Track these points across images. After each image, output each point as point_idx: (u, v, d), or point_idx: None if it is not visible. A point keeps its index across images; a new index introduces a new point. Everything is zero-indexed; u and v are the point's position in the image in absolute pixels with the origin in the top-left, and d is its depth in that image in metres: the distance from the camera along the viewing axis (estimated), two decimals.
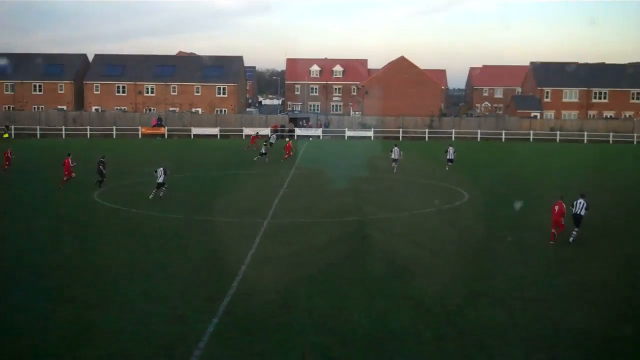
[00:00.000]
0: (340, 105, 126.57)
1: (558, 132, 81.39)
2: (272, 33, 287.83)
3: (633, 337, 16.35)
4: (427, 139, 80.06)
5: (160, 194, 34.77)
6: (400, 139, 78.53)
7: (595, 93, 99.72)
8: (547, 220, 26.65)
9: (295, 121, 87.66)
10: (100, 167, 38.33)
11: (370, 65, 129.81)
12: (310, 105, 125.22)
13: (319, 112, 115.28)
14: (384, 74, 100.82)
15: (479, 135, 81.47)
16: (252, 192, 38.89)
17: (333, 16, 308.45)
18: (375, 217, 31.19)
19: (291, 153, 53.29)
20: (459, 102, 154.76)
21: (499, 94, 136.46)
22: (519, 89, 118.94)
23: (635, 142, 78.01)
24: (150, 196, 34.67)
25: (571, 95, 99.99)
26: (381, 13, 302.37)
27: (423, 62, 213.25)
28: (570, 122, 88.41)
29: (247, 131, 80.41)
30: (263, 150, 52.88)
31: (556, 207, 25.72)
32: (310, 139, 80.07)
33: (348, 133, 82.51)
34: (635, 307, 18.56)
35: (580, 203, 25.81)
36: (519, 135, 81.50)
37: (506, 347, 15.73)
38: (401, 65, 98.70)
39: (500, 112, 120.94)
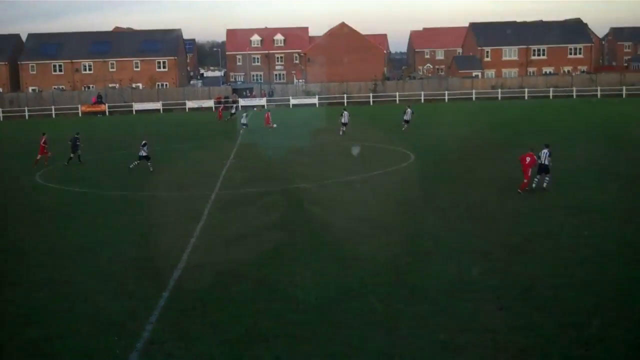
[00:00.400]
0: (283, 74, 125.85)
1: (499, 90, 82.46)
2: (210, 4, 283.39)
3: (575, 284, 16.76)
4: (371, 103, 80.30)
5: (151, 169, 35.13)
6: (345, 104, 78.55)
7: (534, 50, 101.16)
8: (493, 174, 27.04)
9: (238, 92, 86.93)
10: (77, 143, 38.92)
11: (311, 33, 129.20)
12: (253, 76, 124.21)
13: (262, 82, 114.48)
14: (326, 41, 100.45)
15: (422, 97, 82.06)
16: (199, 165, 38.52)
17: None
18: (323, 183, 31.21)
19: (271, 123, 54.56)
20: (402, 66, 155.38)
21: (440, 56, 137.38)
22: (459, 50, 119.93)
23: (574, 96, 79.56)
24: (131, 166, 35.54)
25: (511, 53, 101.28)
26: None
27: (364, 27, 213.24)
28: (511, 79, 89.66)
29: (193, 104, 79.46)
30: (233, 111, 53.77)
31: (527, 158, 27.04)
32: (255, 109, 79.54)
33: (292, 101, 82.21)
34: (577, 255, 19.01)
35: (545, 153, 27.28)
36: (462, 95, 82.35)
37: (454, 300, 15.96)
38: (342, 32, 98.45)
39: (442, 73, 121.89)
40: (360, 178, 32.15)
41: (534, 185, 27.22)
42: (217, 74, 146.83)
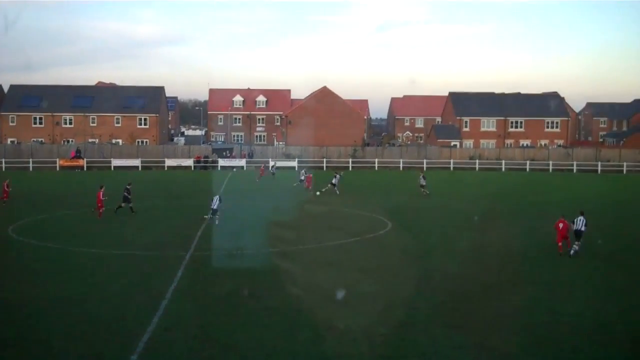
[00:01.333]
0: (264, 136, 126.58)
1: (477, 161, 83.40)
2: (194, 63, 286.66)
3: None
4: (350, 168, 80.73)
5: (216, 222, 36.18)
6: (324, 168, 78.94)
7: (512, 122, 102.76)
8: (470, 245, 27.10)
9: (218, 152, 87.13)
10: (125, 193, 40.21)
11: (293, 95, 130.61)
12: (234, 136, 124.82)
13: (242, 142, 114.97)
14: (307, 104, 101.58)
15: (401, 165, 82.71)
16: (176, 224, 38.21)
17: (255, 46, 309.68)
18: (299, 248, 31.05)
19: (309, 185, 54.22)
20: (382, 132, 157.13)
21: (419, 124, 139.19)
22: (439, 119, 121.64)
23: (550, 170, 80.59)
24: (206, 216, 37.57)
25: (489, 124, 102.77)
26: (303, 43, 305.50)
27: (346, 92, 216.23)
28: (489, 150, 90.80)
29: (172, 162, 79.43)
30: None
31: (560, 225, 29.09)
32: (234, 169, 79.63)
33: (272, 163, 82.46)
34: (552, 332, 18.96)
35: (580, 220, 28.78)
36: (440, 164, 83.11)
37: None
38: (324, 95, 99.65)
39: (422, 141, 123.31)
40: (337, 244, 32.06)
41: (572, 252, 28.51)
42: (198, 132, 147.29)
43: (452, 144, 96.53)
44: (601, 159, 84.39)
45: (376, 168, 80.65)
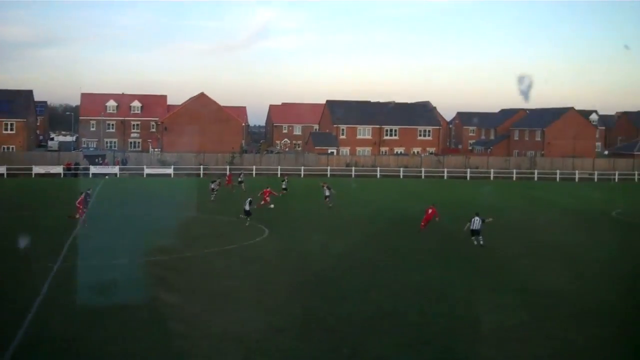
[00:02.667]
0: (139, 142, 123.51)
1: (353, 168, 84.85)
2: (65, 66, 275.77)
3: None
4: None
5: (247, 224, 38.42)
6: (201, 175, 77.95)
7: (387, 130, 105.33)
8: (344, 250, 27.48)
9: (91, 159, 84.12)
10: (87, 198, 40.53)
11: (170, 101, 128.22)
12: (107, 142, 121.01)
13: (116, 149, 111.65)
14: (184, 110, 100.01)
15: (279, 172, 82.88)
16: (43, 234, 36.46)
17: (130, 51, 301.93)
18: (175, 257, 30.42)
19: (267, 199, 47.49)
20: (260, 139, 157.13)
21: (297, 131, 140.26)
22: (316, 126, 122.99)
23: (423, 177, 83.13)
24: (242, 215, 39.67)
25: (365, 132, 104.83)
26: (179, 49, 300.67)
27: (224, 99, 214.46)
28: (364, 157, 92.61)
29: (40, 169, 76.13)
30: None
31: (429, 210, 37.75)
32: (107, 177, 77.20)
33: (147, 170, 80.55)
34: (423, 334, 19.48)
35: (476, 220, 33.54)
36: (318, 171, 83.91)
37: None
38: (201, 102, 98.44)
39: (300, 148, 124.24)
40: (214, 252, 31.65)
41: (482, 243, 32.82)
42: (69, 139, 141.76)
43: (330, 151, 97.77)
44: (470, 166, 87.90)
45: (254, 175, 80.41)
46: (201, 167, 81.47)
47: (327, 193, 49.69)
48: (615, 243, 36.38)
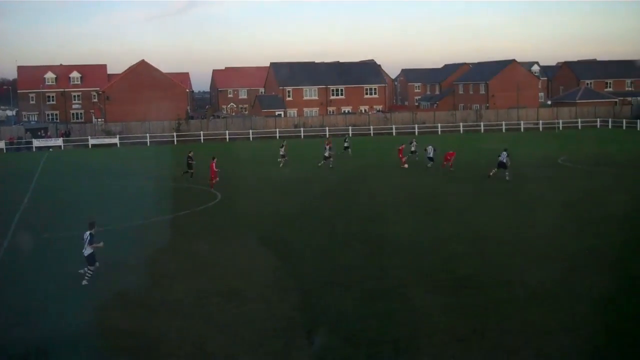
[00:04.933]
0: (81, 113, 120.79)
1: (302, 129, 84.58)
2: None
3: (380, 314, 17.23)
4: (175, 142, 79.04)
5: (331, 166, 45.28)
6: (148, 144, 76.79)
7: (333, 90, 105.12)
8: (297, 210, 27.43)
9: (32, 132, 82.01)
10: (189, 161, 43.29)
11: (110, 70, 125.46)
12: (49, 115, 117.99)
13: (58, 121, 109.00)
14: (125, 79, 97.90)
15: (227, 136, 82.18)
16: None
17: (66, 21, 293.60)
18: (124, 226, 29.92)
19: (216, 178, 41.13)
20: (206, 105, 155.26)
21: (243, 95, 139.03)
22: (262, 90, 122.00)
23: (372, 134, 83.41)
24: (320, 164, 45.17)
25: (311, 93, 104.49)
26: (116, 18, 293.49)
27: (166, 65, 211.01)
28: (312, 118, 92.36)
29: None
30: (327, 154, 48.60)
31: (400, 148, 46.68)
32: (51, 149, 75.43)
33: (92, 141, 78.92)
34: (381, 286, 19.62)
35: (504, 155, 39.12)
36: (266, 134, 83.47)
37: (265, 339, 15.85)
38: (143, 69, 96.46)
39: (246, 112, 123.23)
40: (167, 219, 31.21)
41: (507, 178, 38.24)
42: (9, 113, 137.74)
43: (277, 113, 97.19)
44: (417, 122, 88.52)
45: (202, 141, 79.54)
46: (147, 135, 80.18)
47: (327, 154, 48.39)
48: (562, 188, 37.16)
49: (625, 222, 27.98)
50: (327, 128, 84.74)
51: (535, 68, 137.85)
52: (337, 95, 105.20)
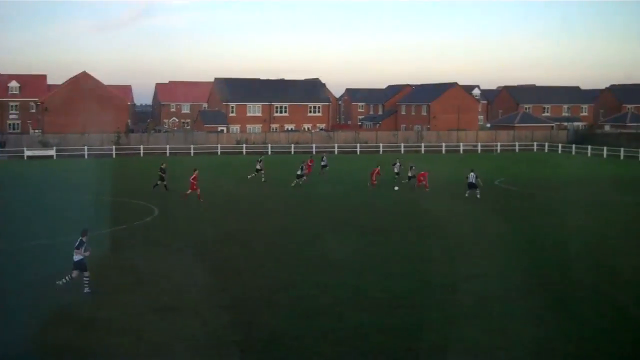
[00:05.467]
0: (18, 124, 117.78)
1: (244, 145, 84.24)
2: None
3: (316, 333, 17.16)
4: (114, 155, 77.74)
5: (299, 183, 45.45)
6: (86, 156, 75.36)
7: (277, 107, 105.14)
8: (238, 227, 27.16)
9: None
10: (161, 173, 43.92)
11: (50, 81, 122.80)
12: None
13: None
14: (65, 90, 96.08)
15: (168, 151, 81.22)
16: None
17: (6, 29, 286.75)
18: (57, 240, 29.17)
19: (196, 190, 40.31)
20: (147, 118, 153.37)
21: (186, 110, 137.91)
22: (205, 105, 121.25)
23: (314, 152, 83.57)
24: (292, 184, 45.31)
25: (255, 109, 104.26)
26: (59, 27, 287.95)
27: (108, 77, 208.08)
28: (255, 135, 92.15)
29: None
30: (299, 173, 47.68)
31: (375, 170, 46.48)
32: None
33: (27, 152, 77.01)
34: (318, 304, 19.56)
35: (472, 175, 40.68)
36: (208, 150, 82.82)
37: (199, 357, 15.60)
38: (83, 81, 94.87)
39: (188, 127, 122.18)
40: (103, 234, 30.53)
41: (478, 196, 40.20)
42: None
43: (219, 129, 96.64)
44: (360, 141, 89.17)
45: (142, 155, 78.44)
46: (85, 147, 78.65)
47: (300, 172, 47.72)
48: (498, 209, 37.86)
49: (556, 244, 28.68)
50: (269, 145, 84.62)
51: (476, 92, 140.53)
52: (281, 112, 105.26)
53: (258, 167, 51.10)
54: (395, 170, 49.10)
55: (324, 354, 15.88)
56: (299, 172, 47.52)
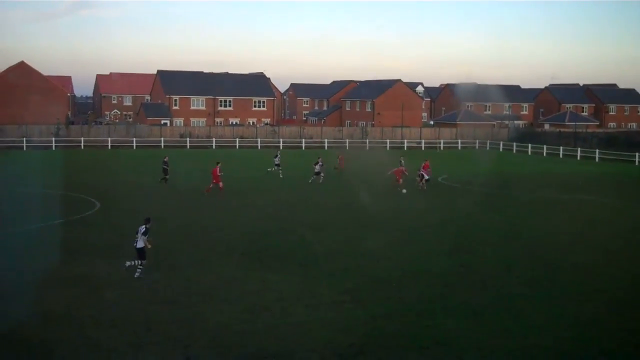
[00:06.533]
0: None
1: (188, 139, 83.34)
2: None
3: (259, 328, 17.10)
4: (54, 147, 75.93)
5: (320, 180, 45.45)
6: (24, 148, 73.47)
7: (222, 101, 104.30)
8: (180, 222, 26.85)
9: None
10: (164, 166, 44.45)
11: None
12: None
13: None
14: (2, 80, 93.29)
15: (109, 143, 79.75)
16: None
17: None
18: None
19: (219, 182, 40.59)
20: (88, 110, 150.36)
21: (128, 102, 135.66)
22: (148, 97, 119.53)
23: (259, 147, 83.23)
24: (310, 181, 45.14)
25: (199, 103, 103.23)
26: None
27: (47, 68, 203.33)
28: (199, 129, 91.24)
29: None
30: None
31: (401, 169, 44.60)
32: None
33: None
34: (262, 299, 19.49)
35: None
36: (151, 143, 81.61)
37: (141, 353, 15.39)
38: (21, 71, 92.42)
39: (131, 119, 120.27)
40: (40, 227, 29.81)
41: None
42: None
43: (163, 122, 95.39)
44: (305, 136, 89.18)
45: (82, 147, 76.83)
46: (24, 139, 76.63)
47: (317, 169, 47.11)
48: (441, 206, 38.35)
49: (496, 240, 29.24)
50: (214, 139, 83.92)
51: (420, 89, 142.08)
52: (226, 106, 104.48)
53: (277, 161, 50.68)
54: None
55: (268, 349, 15.82)
56: (316, 169, 47.13)
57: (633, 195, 45.86)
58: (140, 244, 21.31)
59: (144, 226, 21.66)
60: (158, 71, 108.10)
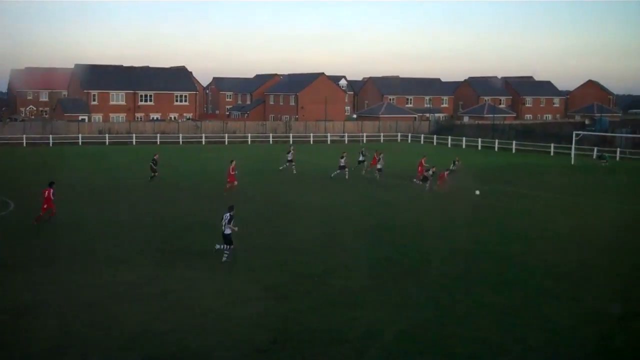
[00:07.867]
0: None
1: (107, 135, 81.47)
2: None
3: (187, 328, 16.89)
4: None
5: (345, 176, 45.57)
6: None
7: (142, 96, 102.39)
8: (100, 220, 26.23)
9: None
10: (152, 164, 42.99)
11: None
12: None
13: None
14: None
15: (24, 141, 77.15)
16: None
17: None
18: None
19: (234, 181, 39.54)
20: (2, 107, 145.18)
21: (44, 97, 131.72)
22: (65, 93, 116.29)
23: (181, 143, 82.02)
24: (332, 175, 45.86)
25: (118, 98, 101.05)
26: None
27: None
28: (119, 124, 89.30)
29: None
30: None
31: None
32: None
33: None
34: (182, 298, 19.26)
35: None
36: (68, 139, 79.39)
37: (58, 358, 14.96)
38: None
39: (47, 116, 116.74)
40: None
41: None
42: None
43: (80, 118, 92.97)
44: (228, 131, 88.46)
45: None
46: None
47: (342, 163, 46.74)
48: (364, 199, 38.72)
49: (418, 232, 29.71)
50: (134, 135, 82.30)
51: (343, 82, 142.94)
52: (146, 101, 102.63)
53: (289, 157, 48.99)
54: (360, 158, 50.50)
55: (189, 347, 15.63)
56: (341, 163, 46.66)
57: (549, 185, 47.23)
58: (227, 230, 22.97)
59: (228, 214, 23.19)
60: (75, 65, 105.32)
